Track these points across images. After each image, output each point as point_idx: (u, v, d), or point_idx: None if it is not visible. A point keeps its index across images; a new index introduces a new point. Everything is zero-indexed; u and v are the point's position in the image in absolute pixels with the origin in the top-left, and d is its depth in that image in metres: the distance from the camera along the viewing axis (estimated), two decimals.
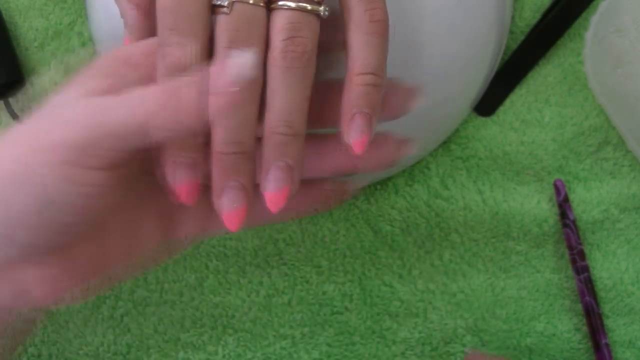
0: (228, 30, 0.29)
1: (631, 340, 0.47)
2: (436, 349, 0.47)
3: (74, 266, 0.31)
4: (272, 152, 0.30)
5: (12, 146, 0.28)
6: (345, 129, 0.30)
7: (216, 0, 0.29)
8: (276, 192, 0.30)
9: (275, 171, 0.30)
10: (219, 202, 0.30)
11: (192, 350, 0.46)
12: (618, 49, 0.45)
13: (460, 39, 0.41)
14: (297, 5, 0.29)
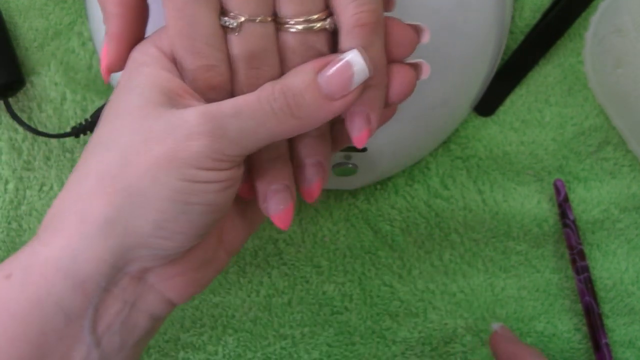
0: (244, 53, 0.29)
1: (631, 340, 0.47)
2: (436, 348, 0.47)
3: (194, 262, 0.32)
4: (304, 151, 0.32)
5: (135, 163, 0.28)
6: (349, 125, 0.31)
7: (225, 22, 0.29)
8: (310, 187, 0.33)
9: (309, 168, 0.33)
10: (264, 205, 0.32)
11: (192, 350, 0.46)
12: (618, 49, 0.45)
13: (460, 39, 0.41)
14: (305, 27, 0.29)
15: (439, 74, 0.41)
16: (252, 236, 0.47)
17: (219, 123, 0.28)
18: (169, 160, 0.28)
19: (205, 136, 0.27)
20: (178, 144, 0.27)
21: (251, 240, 0.47)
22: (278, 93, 0.28)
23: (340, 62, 0.28)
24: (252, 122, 0.28)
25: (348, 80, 0.28)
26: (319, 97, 0.28)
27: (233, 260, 0.47)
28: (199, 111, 0.28)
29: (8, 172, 0.45)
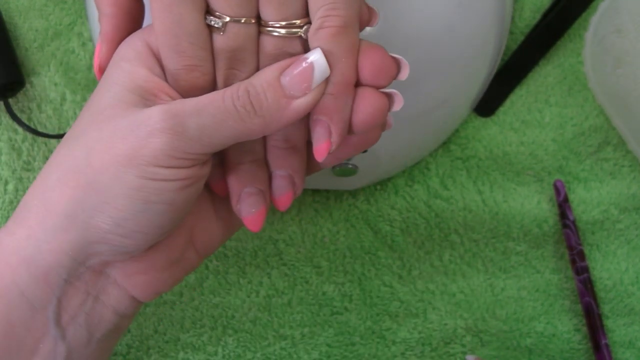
0: (226, 52, 0.29)
1: (631, 340, 0.47)
2: (436, 349, 0.47)
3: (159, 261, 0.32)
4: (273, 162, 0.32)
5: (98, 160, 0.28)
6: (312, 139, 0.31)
7: (210, 21, 0.29)
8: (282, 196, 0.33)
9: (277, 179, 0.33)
10: (238, 207, 0.32)
11: (192, 350, 0.46)
12: (618, 49, 0.45)
13: (460, 40, 0.41)
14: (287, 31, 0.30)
15: (439, 75, 0.41)
16: (252, 236, 0.47)
17: (179, 120, 0.28)
18: (130, 158, 0.28)
19: (165, 133, 0.28)
20: (139, 142, 0.28)
21: (251, 241, 0.47)
22: (242, 91, 0.28)
23: (303, 62, 0.29)
24: (213, 119, 0.28)
25: (308, 77, 0.28)
26: (280, 96, 0.29)
27: (233, 261, 0.47)
28: (162, 109, 0.28)
29: (8, 173, 0.45)
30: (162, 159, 0.28)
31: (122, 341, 0.46)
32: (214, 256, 0.47)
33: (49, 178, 0.30)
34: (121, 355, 0.46)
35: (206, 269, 0.47)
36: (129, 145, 0.28)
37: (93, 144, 0.29)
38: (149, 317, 0.46)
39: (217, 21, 0.29)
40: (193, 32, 0.29)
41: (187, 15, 0.28)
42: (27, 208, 0.30)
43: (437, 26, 0.40)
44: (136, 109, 0.29)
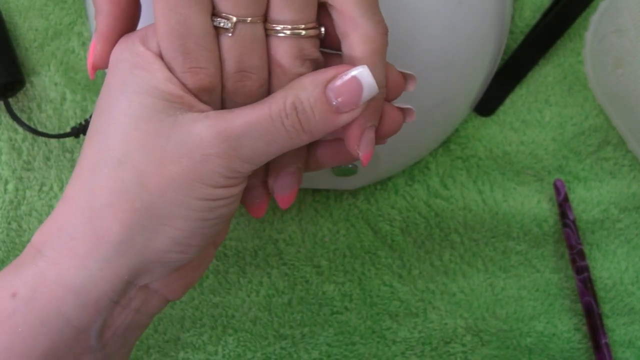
0: (234, 55, 0.29)
1: (631, 340, 0.47)
2: (436, 348, 0.47)
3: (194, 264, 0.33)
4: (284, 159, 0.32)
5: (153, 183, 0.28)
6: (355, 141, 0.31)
7: (218, 22, 0.29)
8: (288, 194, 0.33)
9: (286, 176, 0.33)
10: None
11: (192, 350, 0.46)
12: (618, 48, 0.45)
13: (460, 39, 0.41)
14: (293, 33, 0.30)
15: (439, 74, 0.41)
16: (252, 236, 0.47)
17: (233, 143, 0.28)
18: (186, 181, 0.28)
19: (221, 158, 0.28)
20: (195, 165, 0.28)
21: (251, 240, 0.47)
22: (290, 109, 0.28)
23: (349, 75, 0.29)
24: (264, 140, 0.28)
25: (358, 94, 0.29)
26: (328, 111, 0.29)
27: (233, 261, 0.47)
28: (213, 130, 0.28)
29: (8, 173, 0.45)
30: (218, 180, 0.28)
31: None
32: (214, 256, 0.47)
33: (94, 201, 0.29)
34: None
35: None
36: (184, 168, 0.28)
37: (143, 167, 0.28)
38: None
39: (225, 22, 0.28)
40: (199, 34, 0.28)
41: (193, 16, 0.28)
42: (71, 235, 0.29)
43: (437, 26, 0.40)
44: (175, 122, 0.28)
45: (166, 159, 0.28)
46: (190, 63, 0.28)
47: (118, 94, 0.29)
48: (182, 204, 0.28)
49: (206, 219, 0.29)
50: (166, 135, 0.28)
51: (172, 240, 0.29)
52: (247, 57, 0.29)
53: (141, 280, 0.30)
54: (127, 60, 0.29)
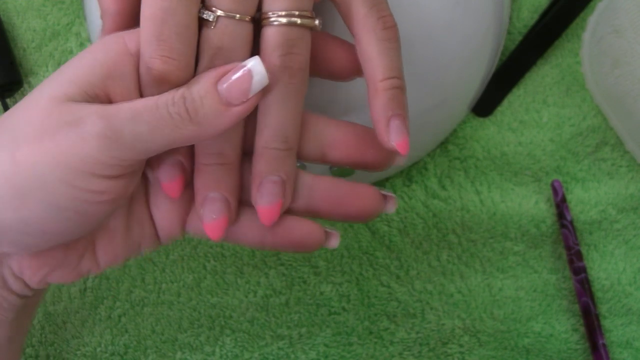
0: (211, 48, 0.29)
1: (628, 340, 0.47)
2: (434, 349, 0.47)
3: (65, 255, 0.31)
4: (265, 166, 0.30)
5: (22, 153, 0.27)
6: (385, 134, 0.30)
7: (202, 14, 0.29)
8: (269, 206, 0.31)
9: (268, 185, 0.31)
10: (201, 211, 0.31)
11: (189, 350, 0.46)
12: (616, 49, 0.45)
13: (458, 40, 0.41)
14: (288, 20, 0.29)
15: (436, 75, 0.41)
16: None
17: (113, 125, 0.27)
18: (55, 159, 0.27)
19: (98, 138, 0.27)
20: (68, 143, 0.27)
21: None
22: (178, 97, 0.28)
23: (241, 70, 0.28)
24: (147, 126, 0.27)
25: (247, 85, 0.28)
26: (217, 103, 0.28)
27: (230, 261, 0.47)
28: (96, 111, 0.27)
29: None
30: (90, 165, 0.27)
31: (119, 341, 0.46)
32: (211, 256, 0.47)
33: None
34: (119, 355, 0.46)
35: (204, 269, 0.47)
36: (57, 146, 0.27)
37: (21, 137, 0.27)
38: (147, 317, 0.46)
39: (209, 14, 0.28)
40: (180, 23, 0.28)
41: (178, 5, 0.28)
42: None
43: (435, 26, 0.40)
44: (71, 105, 0.27)
45: (43, 134, 0.27)
46: (162, 51, 0.28)
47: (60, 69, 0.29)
48: (42, 183, 0.27)
49: (63, 208, 0.27)
50: (56, 113, 0.27)
51: (20, 217, 0.28)
52: (225, 52, 0.29)
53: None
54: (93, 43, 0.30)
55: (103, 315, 0.46)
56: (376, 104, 0.31)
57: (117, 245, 0.32)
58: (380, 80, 0.30)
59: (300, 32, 0.30)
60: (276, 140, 0.30)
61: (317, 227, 0.32)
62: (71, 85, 0.28)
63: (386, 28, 0.30)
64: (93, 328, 0.46)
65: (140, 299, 0.46)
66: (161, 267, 0.46)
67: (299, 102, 0.30)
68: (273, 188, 0.31)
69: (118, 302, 0.46)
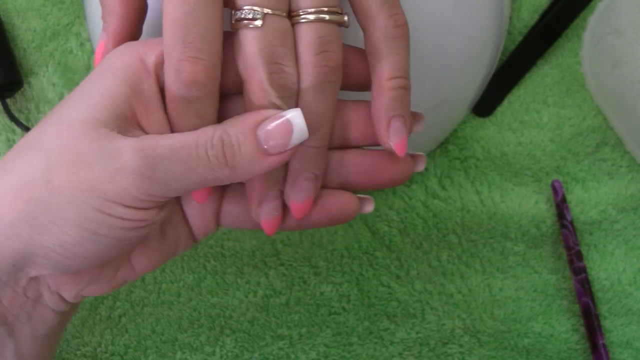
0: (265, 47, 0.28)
1: (628, 340, 0.47)
2: (434, 349, 0.47)
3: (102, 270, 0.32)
4: (301, 164, 0.31)
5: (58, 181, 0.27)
6: (384, 133, 0.31)
7: (241, 14, 0.28)
8: (302, 202, 0.31)
9: (302, 183, 0.31)
10: (259, 210, 0.32)
11: (189, 350, 0.46)
12: (616, 49, 0.45)
13: (458, 40, 0.41)
14: (316, 17, 0.29)
15: (437, 75, 0.41)
16: (249, 236, 0.47)
17: (150, 163, 0.27)
18: (91, 189, 0.27)
19: (134, 175, 0.27)
20: (105, 176, 0.27)
21: (249, 241, 0.47)
22: (217, 140, 0.28)
23: (281, 119, 0.28)
24: (183, 166, 0.27)
25: (287, 138, 0.28)
26: (254, 151, 0.28)
27: (231, 261, 0.47)
28: (134, 146, 0.27)
29: None
30: (125, 198, 0.27)
31: (119, 341, 0.46)
32: (211, 256, 0.47)
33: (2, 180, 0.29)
34: (119, 355, 0.46)
35: (204, 269, 0.47)
36: (94, 176, 0.27)
37: (55, 161, 0.28)
38: (147, 317, 0.46)
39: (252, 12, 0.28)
40: (205, 25, 0.27)
41: (201, 7, 0.27)
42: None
43: (435, 26, 0.40)
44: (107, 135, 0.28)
45: (80, 162, 0.27)
46: (189, 52, 0.27)
47: (79, 89, 0.29)
48: (77, 209, 0.27)
49: (98, 234, 0.28)
50: (90, 141, 0.27)
51: (58, 242, 0.28)
52: (279, 49, 0.28)
53: (30, 270, 0.30)
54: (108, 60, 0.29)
55: (103, 315, 0.46)
56: (379, 102, 0.31)
57: (153, 253, 0.33)
58: (386, 79, 0.31)
59: (331, 28, 0.30)
60: (311, 137, 0.30)
61: (351, 196, 0.33)
62: (100, 109, 0.28)
63: (397, 26, 0.30)
64: (93, 328, 0.46)
65: (140, 299, 0.46)
66: (161, 267, 0.46)
67: (333, 99, 0.31)
68: (307, 185, 0.31)
69: (118, 302, 0.46)
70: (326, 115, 0.30)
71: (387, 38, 0.30)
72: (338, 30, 0.30)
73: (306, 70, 0.29)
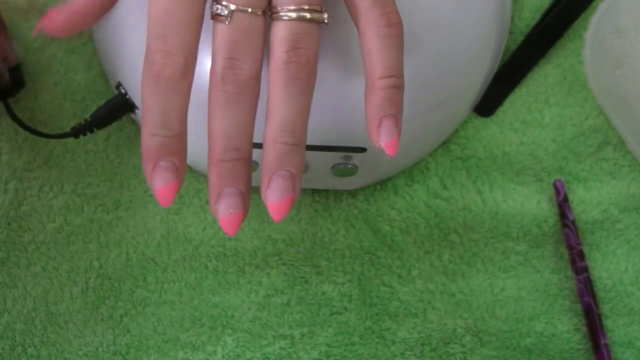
0: (227, 42, 0.29)
1: (630, 340, 0.47)
2: (435, 349, 0.47)
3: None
4: (275, 161, 0.31)
5: None
6: (375, 133, 0.31)
7: (216, 9, 0.29)
8: (279, 200, 0.31)
9: (277, 180, 0.31)
10: (216, 207, 0.31)
11: (191, 350, 0.46)
12: (617, 49, 0.45)
13: (460, 40, 0.41)
14: (297, 15, 0.29)
15: (438, 75, 0.41)
16: (251, 236, 0.47)
17: None
18: None
19: None
20: None
21: (250, 240, 0.47)
22: None
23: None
24: None
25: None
26: None
27: (232, 261, 0.47)
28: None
29: (8, 173, 0.45)
30: None
31: (121, 341, 0.46)
32: (213, 256, 0.47)
33: None
34: (120, 354, 0.46)
35: (205, 268, 0.47)
36: None
37: None
38: (149, 317, 0.46)
39: (222, 9, 0.29)
40: (182, 22, 0.29)
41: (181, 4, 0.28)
42: None
43: (437, 26, 0.40)
44: None
45: None
46: (162, 46, 0.29)
47: None
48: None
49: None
50: None
51: None
52: (241, 45, 0.29)
53: None
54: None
55: (105, 315, 0.46)
56: (371, 101, 0.31)
57: None
58: (378, 78, 0.31)
59: (308, 26, 0.30)
60: (284, 134, 0.30)
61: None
62: None
63: (390, 25, 0.30)
64: (95, 328, 0.46)
65: (142, 298, 0.46)
66: (163, 267, 0.46)
67: (307, 96, 0.31)
68: (283, 183, 0.31)
69: (120, 302, 0.46)
70: (297, 112, 0.30)
71: (380, 37, 0.30)
72: (315, 27, 0.30)
73: (275, 66, 0.30)
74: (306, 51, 0.30)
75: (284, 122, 0.30)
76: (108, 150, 0.47)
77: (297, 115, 0.30)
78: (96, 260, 0.46)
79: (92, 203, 0.46)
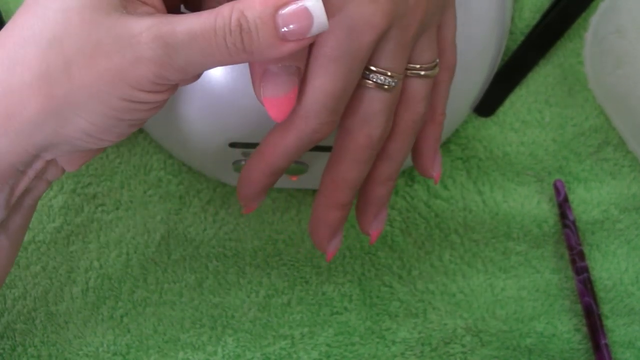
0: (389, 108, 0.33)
1: (631, 340, 0.47)
2: (436, 349, 0.47)
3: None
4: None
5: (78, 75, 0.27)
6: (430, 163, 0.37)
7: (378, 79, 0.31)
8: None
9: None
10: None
11: (191, 350, 0.46)
12: (618, 49, 0.45)
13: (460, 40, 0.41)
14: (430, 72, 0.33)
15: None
16: (251, 236, 0.47)
17: (170, 51, 0.27)
18: (113, 79, 0.27)
19: (154, 63, 0.27)
20: (125, 64, 0.27)
21: (250, 241, 0.47)
22: (235, 25, 0.27)
23: (301, 5, 0.27)
24: (202, 53, 0.27)
25: (307, 26, 0.27)
26: (273, 37, 0.27)
27: (232, 261, 0.47)
28: (152, 33, 0.27)
29: None
30: (145, 85, 0.27)
31: (121, 341, 0.46)
32: (213, 256, 0.47)
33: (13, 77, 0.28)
34: (121, 355, 0.46)
35: (206, 269, 0.47)
36: (114, 66, 0.27)
37: (72, 56, 0.27)
38: (149, 317, 0.46)
39: (390, 80, 0.32)
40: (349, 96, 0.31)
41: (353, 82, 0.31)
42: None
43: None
44: (119, 19, 0.27)
45: (98, 52, 0.27)
46: (331, 117, 0.31)
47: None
48: (102, 101, 0.28)
49: (123, 119, 0.28)
50: (106, 28, 0.27)
51: (83, 131, 0.28)
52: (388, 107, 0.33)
53: (47, 154, 0.30)
54: None
55: (105, 315, 0.46)
56: (430, 134, 0.36)
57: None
58: (439, 114, 0.35)
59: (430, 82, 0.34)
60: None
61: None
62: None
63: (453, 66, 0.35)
64: (95, 328, 0.46)
65: (142, 299, 0.46)
66: (163, 267, 0.46)
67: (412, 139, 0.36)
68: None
69: (120, 302, 0.46)
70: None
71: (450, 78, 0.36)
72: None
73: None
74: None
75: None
76: (108, 150, 0.47)
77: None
78: (96, 260, 0.46)
79: (92, 203, 0.46)
